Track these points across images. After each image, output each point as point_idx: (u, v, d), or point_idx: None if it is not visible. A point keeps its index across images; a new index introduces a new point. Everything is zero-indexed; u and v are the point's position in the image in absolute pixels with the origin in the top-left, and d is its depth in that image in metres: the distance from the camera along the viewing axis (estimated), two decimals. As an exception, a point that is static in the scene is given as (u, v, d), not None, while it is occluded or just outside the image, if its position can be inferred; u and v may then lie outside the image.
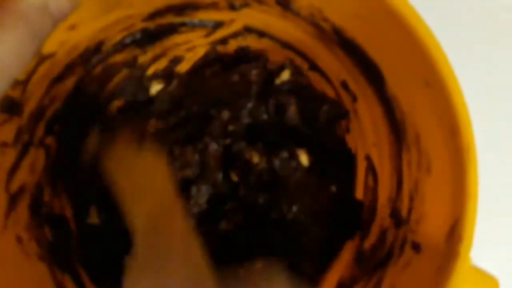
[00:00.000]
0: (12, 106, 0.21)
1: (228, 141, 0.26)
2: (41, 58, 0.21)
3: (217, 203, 0.25)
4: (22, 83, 0.21)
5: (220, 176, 0.26)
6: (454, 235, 0.15)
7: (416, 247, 0.19)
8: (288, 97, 0.26)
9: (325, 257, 0.26)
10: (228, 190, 0.26)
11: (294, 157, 0.26)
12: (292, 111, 0.26)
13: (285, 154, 0.25)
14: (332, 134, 0.27)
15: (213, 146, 0.26)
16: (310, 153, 0.26)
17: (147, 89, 0.29)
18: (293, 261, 0.25)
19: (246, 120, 0.27)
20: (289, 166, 0.25)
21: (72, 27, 0.22)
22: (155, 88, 0.29)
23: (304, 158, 0.26)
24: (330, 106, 0.26)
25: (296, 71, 0.27)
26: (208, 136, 0.26)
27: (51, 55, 0.22)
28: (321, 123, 0.27)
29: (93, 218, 0.25)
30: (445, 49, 0.16)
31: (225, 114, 0.27)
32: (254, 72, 0.27)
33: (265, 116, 0.27)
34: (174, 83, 0.29)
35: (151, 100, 0.29)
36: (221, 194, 0.25)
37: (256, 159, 0.25)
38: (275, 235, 0.25)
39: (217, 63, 0.29)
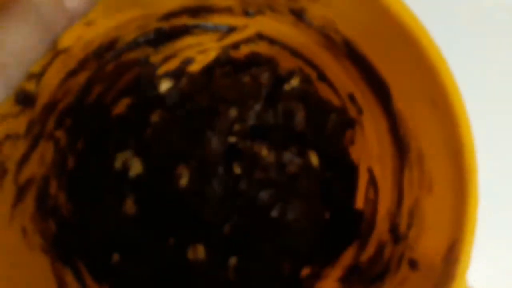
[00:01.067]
0: (27, 98, 0.21)
1: (233, 138, 0.26)
2: (57, 52, 0.22)
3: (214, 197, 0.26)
4: (37, 76, 0.21)
5: (221, 169, 0.26)
6: (452, 256, 0.15)
7: (413, 264, 0.19)
8: (297, 103, 0.27)
9: (322, 263, 0.26)
10: (228, 183, 0.26)
11: (304, 155, 0.26)
12: (300, 117, 0.26)
13: (295, 151, 0.26)
14: (338, 143, 0.27)
15: (216, 141, 0.26)
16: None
17: (156, 87, 0.29)
18: (289, 264, 0.25)
19: (252, 121, 0.27)
20: (298, 163, 0.26)
21: (88, 23, 0.22)
22: (165, 86, 0.29)
23: (314, 158, 0.26)
24: (337, 114, 0.26)
25: (305, 79, 0.27)
26: (212, 130, 0.26)
27: (66, 50, 0.22)
28: (328, 131, 0.27)
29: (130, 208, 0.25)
30: (449, 57, 0.16)
31: (233, 112, 0.27)
32: (265, 75, 0.27)
33: (272, 120, 0.27)
34: (184, 81, 0.29)
35: (160, 97, 0.29)
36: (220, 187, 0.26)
37: (265, 152, 0.26)
38: (273, 235, 0.25)
39: (228, 65, 0.29)
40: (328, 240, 0.26)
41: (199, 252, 0.25)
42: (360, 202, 0.26)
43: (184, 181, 0.25)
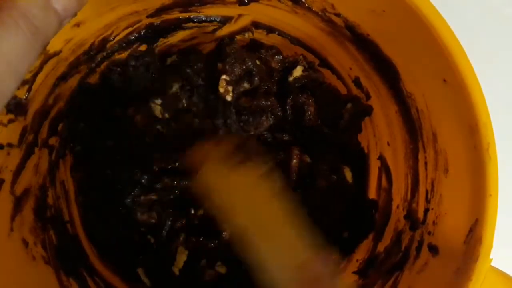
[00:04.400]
0: (18, 106, 0.21)
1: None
2: (47, 57, 0.22)
3: None
4: (28, 83, 0.21)
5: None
6: (474, 235, 0.16)
7: (434, 249, 0.19)
8: (306, 97, 0.27)
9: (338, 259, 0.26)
10: None
11: (339, 172, 0.26)
12: (310, 112, 0.26)
13: (326, 167, 0.26)
14: (352, 134, 0.28)
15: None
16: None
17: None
18: None
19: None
20: (331, 178, 0.26)
21: (78, 24, 0.22)
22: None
23: (349, 175, 0.26)
24: (354, 104, 0.27)
25: (309, 67, 0.28)
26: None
27: (56, 54, 0.22)
28: (345, 122, 0.27)
29: None
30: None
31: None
32: (276, 58, 0.27)
33: (280, 114, 0.27)
34: None
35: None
36: None
37: (308, 159, 0.26)
38: None
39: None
40: (342, 236, 0.26)
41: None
42: (372, 192, 0.26)
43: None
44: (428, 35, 0.17)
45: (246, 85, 0.27)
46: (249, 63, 0.26)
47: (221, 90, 0.26)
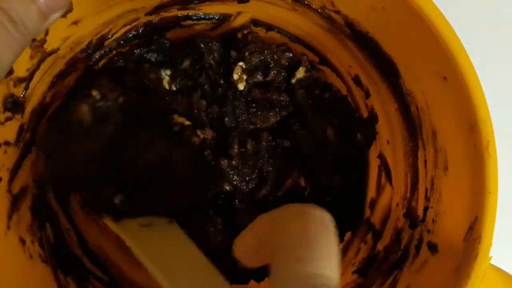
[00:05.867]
0: (15, 104, 0.21)
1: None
2: (44, 55, 0.22)
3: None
4: (25, 80, 0.21)
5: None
6: (473, 233, 0.16)
7: (433, 248, 0.19)
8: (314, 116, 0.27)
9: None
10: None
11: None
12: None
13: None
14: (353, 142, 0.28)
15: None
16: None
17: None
18: None
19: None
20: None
21: (75, 22, 0.22)
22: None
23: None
24: (364, 131, 0.27)
25: (311, 66, 0.28)
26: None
27: (53, 51, 0.22)
28: (358, 143, 0.27)
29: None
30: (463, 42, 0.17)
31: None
32: (286, 55, 0.27)
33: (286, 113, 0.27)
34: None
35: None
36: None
37: (303, 183, 0.26)
38: None
39: None
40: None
41: None
42: (372, 190, 0.27)
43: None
44: (428, 33, 0.17)
45: (259, 77, 0.27)
46: (268, 56, 0.26)
47: (235, 77, 0.26)
